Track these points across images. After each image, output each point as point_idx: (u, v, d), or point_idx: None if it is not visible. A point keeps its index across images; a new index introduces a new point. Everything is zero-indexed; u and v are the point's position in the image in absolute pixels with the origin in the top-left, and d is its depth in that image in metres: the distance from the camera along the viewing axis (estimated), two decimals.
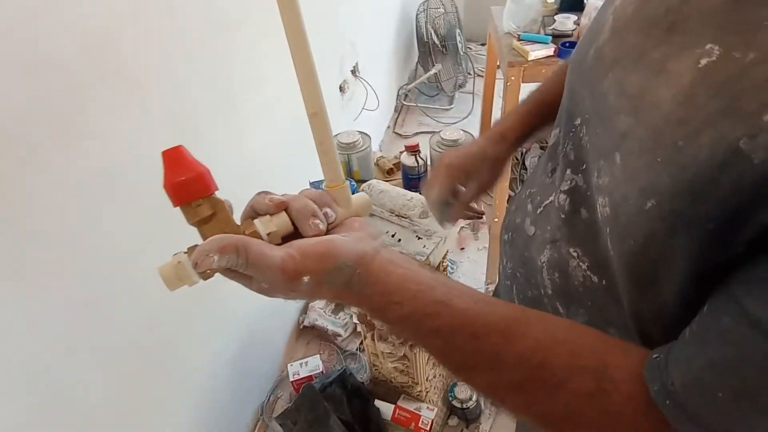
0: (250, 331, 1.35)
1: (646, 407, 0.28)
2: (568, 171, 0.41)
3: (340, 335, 1.59)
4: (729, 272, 0.26)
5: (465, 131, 0.94)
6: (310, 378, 1.41)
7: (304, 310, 1.70)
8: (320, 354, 1.54)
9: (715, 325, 0.26)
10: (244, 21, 1.10)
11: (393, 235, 0.88)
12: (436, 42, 2.57)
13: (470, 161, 0.61)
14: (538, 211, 0.47)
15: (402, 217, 0.90)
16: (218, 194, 0.35)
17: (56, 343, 0.74)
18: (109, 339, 0.84)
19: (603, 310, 0.39)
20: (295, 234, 0.36)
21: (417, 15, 2.63)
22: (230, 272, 0.34)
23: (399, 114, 2.71)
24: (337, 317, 1.63)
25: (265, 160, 1.30)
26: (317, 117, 0.36)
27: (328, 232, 0.36)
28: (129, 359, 0.90)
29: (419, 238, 0.87)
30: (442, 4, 2.57)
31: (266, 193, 0.36)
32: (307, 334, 1.68)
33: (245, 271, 0.32)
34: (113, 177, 0.80)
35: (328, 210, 0.37)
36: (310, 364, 1.47)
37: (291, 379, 1.44)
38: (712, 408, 0.25)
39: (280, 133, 1.34)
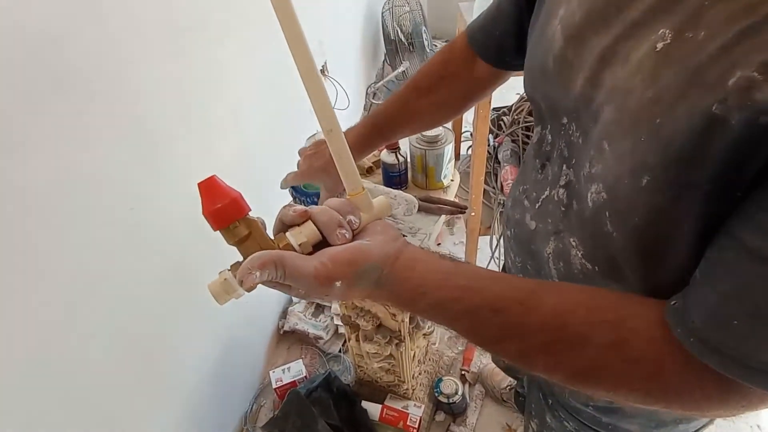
0: (228, 341, 1.31)
1: (668, 347, 0.30)
2: (564, 167, 0.44)
3: (321, 338, 1.56)
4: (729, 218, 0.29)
5: (445, 127, 0.94)
6: (293, 384, 1.39)
7: (284, 315, 1.66)
8: (302, 358, 1.51)
9: (720, 263, 0.28)
10: (205, 21, 1.06)
11: None
12: (403, 40, 2.58)
13: (318, 165, 0.67)
14: (537, 206, 0.49)
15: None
16: (251, 214, 0.39)
17: (29, 358, 0.69)
18: (86, 354, 0.80)
19: None
20: (324, 241, 0.39)
21: (382, 13, 2.63)
22: (271, 282, 0.37)
23: (369, 113, 2.71)
24: (318, 320, 1.61)
25: (238, 160, 1.26)
26: (333, 133, 0.39)
27: (353, 237, 0.40)
28: (108, 374, 0.85)
29: (404, 236, 0.87)
30: (407, 2, 2.57)
31: (290, 205, 0.40)
32: (288, 338, 1.64)
33: (284, 281, 0.36)
34: (80, 186, 0.75)
35: (351, 218, 0.40)
36: (293, 370, 1.44)
37: (274, 386, 1.41)
38: (732, 336, 0.27)
39: (249, 134, 1.30)
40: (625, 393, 0.33)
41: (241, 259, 0.38)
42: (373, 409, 1.29)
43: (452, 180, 1.01)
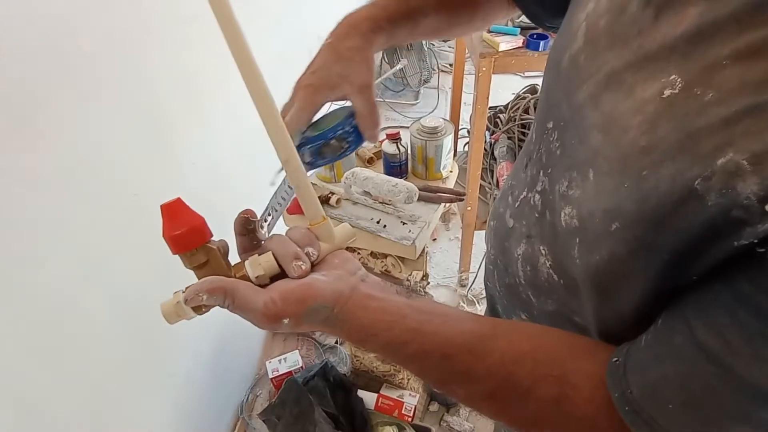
0: (225, 330, 1.31)
1: (606, 409, 0.31)
2: (541, 173, 0.43)
3: None
4: (685, 292, 0.28)
5: (444, 119, 0.96)
6: (290, 374, 1.39)
7: None
8: (299, 350, 1.52)
9: (668, 342, 0.28)
10: (207, 9, 1.07)
11: (378, 222, 0.89)
12: None
13: (328, 73, 0.49)
14: (516, 205, 0.48)
15: (386, 203, 0.91)
16: (216, 238, 0.39)
17: (24, 347, 0.69)
18: (86, 339, 0.80)
19: (566, 303, 0.41)
20: (283, 272, 0.39)
21: None
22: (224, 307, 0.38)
23: None
24: None
25: (241, 150, 1.27)
26: (290, 163, 0.39)
27: (312, 268, 0.39)
28: (105, 360, 0.86)
29: (404, 224, 0.89)
30: None
31: (245, 212, 0.40)
32: None
33: (231, 311, 0.36)
34: (79, 175, 0.76)
35: (310, 249, 0.39)
36: (289, 360, 1.45)
37: (270, 376, 1.42)
38: (664, 415, 0.28)
39: (250, 123, 1.31)
40: None
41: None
42: (368, 398, 1.30)
43: (451, 171, 1.03)
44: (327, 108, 0.52)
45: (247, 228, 0.40)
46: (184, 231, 0.37)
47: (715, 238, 0.24)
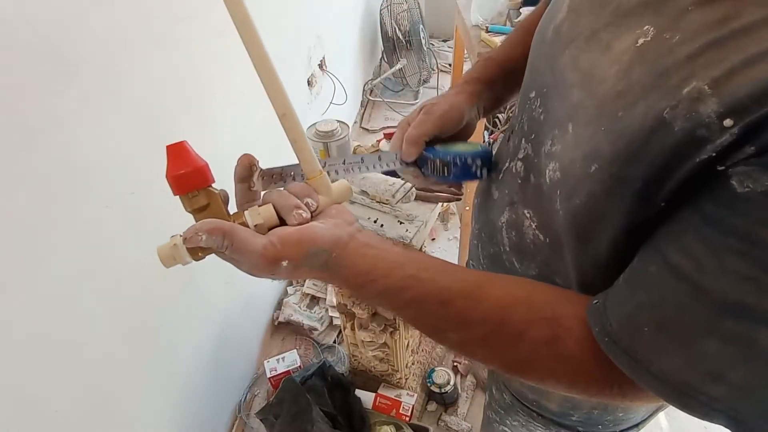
0: (223, 331, 1.32)
1: (594, 348, 0.32)
2: (523, 141, 0.45)
3: (316, 329, 1.58)
4: (655, 227, 0.30)
5: None
6: (287, 373, 1.40)
7: (278, 306, 1.68)
8: (297, 349, 1.53)
9: (643, 272, 0.30)
10: (208, 10, 1.07)
11: (375, 221, 0.89)
12: (400, 37, 2.60)
13: (448, 112, 0.51)
14: (500, 177, 0.50)
15: (383, 203, 0.91)
16: (216, 186, 0.39)
17: (22, 346, 0.70)
18: (84, 338, 0.81)
19: (549, 264, 0.43)
20: (281, 225, 0.39)
21: (380, 11, 2.65)
22: (221, 253, 0.37)
23: (365, 109, 2.72)
24: (313, 311, 1.62)
25: (238, 150, 1.27)
26: (287, 117, 0.40)
27: (311, 219, 0.40)
28: (104, 359, 0.86)
29: (401, 223, 0.89)
30: (405, 0, 2.59)
31: (246, 156, 0.41)
32: (283, 329, 1.66)
33: (229, 254, 0.36)
34: (82, 171, 0.76)
35: (309, 200, 0.40)
36: (287, 360, 1.45)
37: (268, 375, 1.42)
38: (639, 342, 0.29)
39: (249, 123, 1.31)
40: (552, 383, 0.36)
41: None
42: (366, 397, 1.31)
43: None
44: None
45: (251, 171, 0.41)
46: (188, 171, 0.37)
47: (681, 159, 0.26)
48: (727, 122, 0.24)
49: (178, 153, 0.38)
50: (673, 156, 0.27)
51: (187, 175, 0.37)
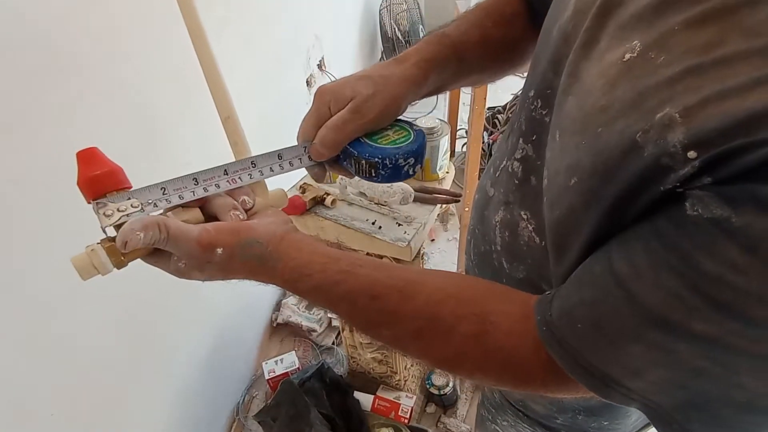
0: (221, 332, 1.31)
1: (523, 340, 0.34)
2: (521, 140, 0.44)
3: (315, 330, 1.58)
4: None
5: (441, 120, 0.96)
6: (286, 375, 1.39)
7: (277, 308, 1.67)
8: (295, 351, 1.52)
9: (590, 271, 0.31)
10: (205, 14, 1.07)
11: (374, 223, 0.88)
12: (400, 38, 2.59)
13: (346, 81, 0.45)
14: (497, 174, 0.50)
15: (382, 204, 0.91)
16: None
17: (20, 347, 0.69)
18: (81, 339, 0.80)
19: (540, 267, 0.43)
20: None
21: (380, 11, 2.64)
22: (150, 257, 0.38)
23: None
24: (312, 312, 1.62)
25: (230, 152, 1.27)
26: (230, 120, 0.41)
27: (247, 219, 0.41)
28: (102, 360, 0.86)
29: (399, 225, 0.88)
30: (404, 0, 2.59)
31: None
32: (281, 331, 1.65)
33: (166, 246, 0.36)
34: (73, 175, 0.75)
35: (245, 198, 0.41)
36: (286, 361, 1.45)
37: (267, 377, 1.42)
38: (574, 334, 0.31)
39: (246, 123, 1.31)
40: (480, 377, 0.37)
41: (112, 234, 0.36)
42: (365, 399, 1.30)
43: (447, 172, 1.03)
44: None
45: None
46: (102, 173, 0.36)
47: (646, 184, 0.26)
48: (691, 154, 0.24)
49: (89, 158, 0.37)
50: (640, 180, 0.26)
51: (101, 177, 0.36)
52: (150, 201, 0.38)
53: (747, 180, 0.22)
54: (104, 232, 0.37)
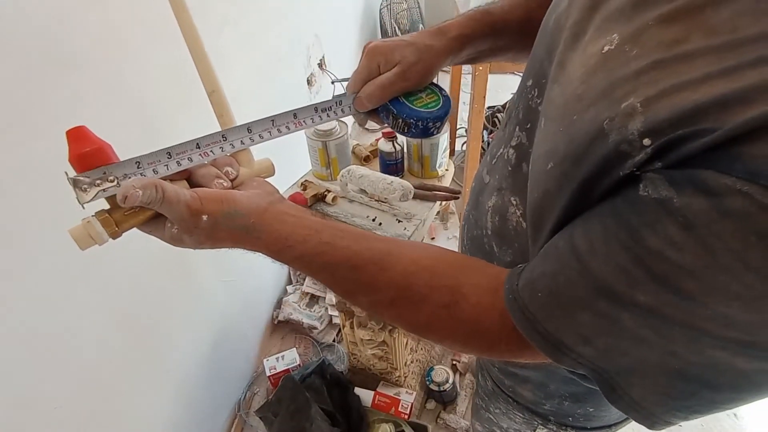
0: (223, 329, 1.32)
1: (489, 312, 0.36)
2: (517, 128, 0.46)
3: (315, 328, 1.58)
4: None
5: None
6: (287, 372, 1.40)
7: (278, 305, 1.68)
8: (296, 348, 1.53)
9: (554, 246, 0.33)
10: (205, 10, 1.08)
11: (374, 219, 0.89)
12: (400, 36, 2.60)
13: (396, 45, 0.49)
14: (493, 162, 0.51)
15: (382, 201, 0.92)
16: None
17: (20, 344, 0.70)
18: (82, 336, 0.81)
19: (526, 252, 0.44)
20: None
21: (380, 10, 2.65)
22: (145, 226, 0.40)
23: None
24: (312, 310, 1.62)
25: None
26: (216, 94, 0.42)
27: (231, 188, 0.42)
28: (103, 357, 0.86)
29: (399, 221, 0.89)
30: None
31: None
32: (282, 328, 1.66)
33: (160, 207, 0.38)
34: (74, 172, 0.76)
35: (229, 168, 0.43)
36: (287, 358, 1.46)
37: (268, 373, 1.43)
38: (534, 302, 0.33)
39: (246, 119, 1.32)
40: (450, 343, 0.40)
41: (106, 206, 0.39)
42: (365, 395, 1.31)
43: (446, 170, 1.04)
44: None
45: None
46: (92, 149, 0.38)
47: (609, 169, 0.28)
48: (646, 141, 0.25)
49: (78, 136, 0.38)
50: (604, 165, 0.28)
51: (91, 153, 0.38)
52: (127, 174, 0.40)
53: (690, 165, 0.24)
54: (82, 207, 0.38)
